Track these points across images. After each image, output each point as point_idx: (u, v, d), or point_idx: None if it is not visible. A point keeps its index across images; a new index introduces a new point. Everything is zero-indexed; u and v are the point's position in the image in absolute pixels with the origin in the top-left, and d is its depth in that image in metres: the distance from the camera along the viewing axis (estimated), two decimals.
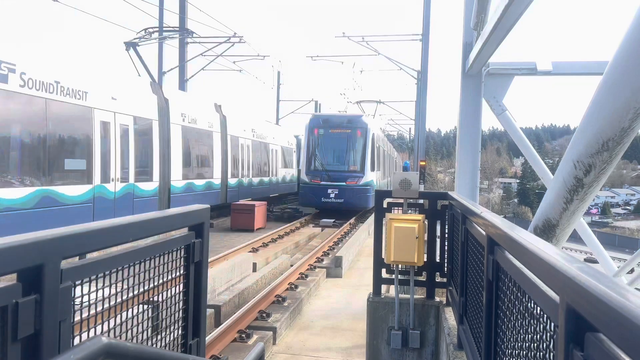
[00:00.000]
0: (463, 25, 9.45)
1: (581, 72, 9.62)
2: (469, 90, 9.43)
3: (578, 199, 5.56)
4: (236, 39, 25.05)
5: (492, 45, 7.61)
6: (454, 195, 5.38)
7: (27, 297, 1.38)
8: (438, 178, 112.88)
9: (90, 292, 1.77)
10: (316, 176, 21.12)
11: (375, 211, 6.28)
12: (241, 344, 6.47)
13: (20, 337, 1.36)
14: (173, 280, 2.41)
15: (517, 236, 2.01)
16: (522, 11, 6.23)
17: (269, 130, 27.45)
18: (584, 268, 1.22)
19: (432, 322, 5.72)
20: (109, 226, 1.82)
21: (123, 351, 1.48)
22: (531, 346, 1.83)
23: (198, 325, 2.59)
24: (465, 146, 9.60)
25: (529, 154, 9.18)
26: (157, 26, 21.21)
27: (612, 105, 4.45)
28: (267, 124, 28.10)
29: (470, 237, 3.87)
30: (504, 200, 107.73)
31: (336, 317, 8.23)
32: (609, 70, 4.48)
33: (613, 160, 4.94)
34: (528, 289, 1.87)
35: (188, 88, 25.96)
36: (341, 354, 6.66)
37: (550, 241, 6.19)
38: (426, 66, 27.88)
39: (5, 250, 1.30)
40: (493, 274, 2.68)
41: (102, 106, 12.35)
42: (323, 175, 20.95)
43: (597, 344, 1.08)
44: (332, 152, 21.39)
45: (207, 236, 2.63)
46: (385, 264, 5.80)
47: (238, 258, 10.68)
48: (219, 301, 7.97)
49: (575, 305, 1.18)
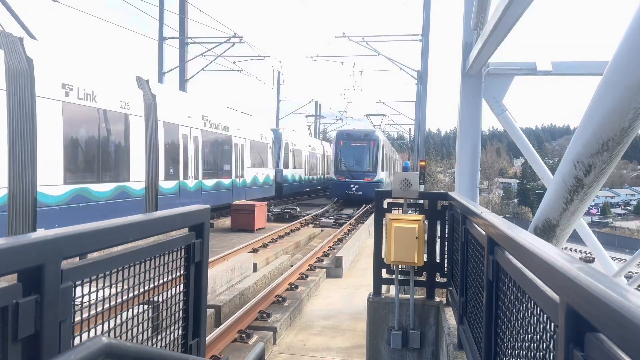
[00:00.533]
0: (463, 25, 9.46)
1: (581, 72, 9.63)
2: (469, 90, 9.43)
3: (578, 199, 5.57)
4: (236, 39, 25.11)
5: (492, 46, 7.62)
6: (454, 195, 5.38)
7: (28, 298, 1.38)
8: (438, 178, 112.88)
9: (91, 293, 1.77)
10: (342, 175, 28.74)
11: (375, 211, 6.28)
12: (241, 344, 6.47)
13: (20, 337, 1.36)
14: (173, 281, 2.41)
15: (517, 236, 2.01)
16: (522, 11, 6.24)
17: (231, 119, 21.11)
18: (584, 268, 1.22)
19: (432, 322, 5.72)
20: (109, 226, 1.82)
21: (123, 351, 1.49)
22: (531, 346, 1.83)
23: (198, 326, 2.59)
24: (465, 146, 9.60)
25: (529, 154, 9.19)
26: None
27: (612, 105, 4.45)
28: (229, 112, 21.49)
29: (470, 238, 3.87)
30: (504, 200, 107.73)
31: (336, 317, 8.23)
32: (609, 70, 4.49)
33: (613, 161, 4.94)
34: (528, 289, 1.87)
35: (188, 89, 25.98)
36: (341, 354, 6.66)
37: (550, 241, 6.19)
38: (426, 66, 27.91)
39: (5, 250, 1.30)
40: (493, 274, 2.68)
41: None
42: (347, 174, 28.65)
43: (597, 344, 1.08)
44: (353, 158, 29.18)
45: (207, 236, 2.63)
46: (386, 264, 5.80)
47: (238, 258, 10.69)
48: (219, 301, 7.97)
49: (576, 305, 1.18)
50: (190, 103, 17.82)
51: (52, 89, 10.63)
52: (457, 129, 9.88)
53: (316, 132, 55.27)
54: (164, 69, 25.51)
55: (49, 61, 10.72)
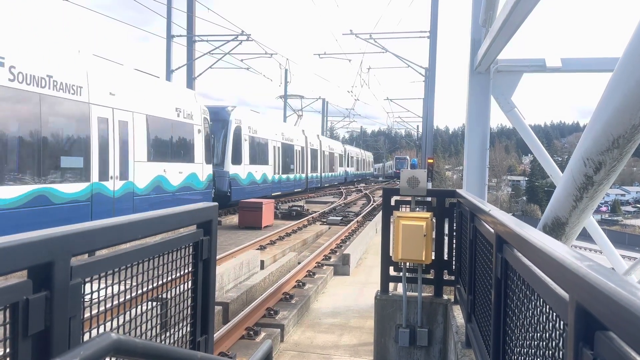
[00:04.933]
0: (471, 22, 9.40)
1: (591, 68, 9.54)
2: (477, 87, 9.38)
3: (588, 197, 5.52)
4: (244, 37, 25.16)
5: (501, 42, 7.56)
6: (462, 193, 5.36)
7: (38, 294, 1.40)
8: (446, 176, 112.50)
9: (100, 289, 1.78)
10: None
11: (383, 209, 6.27)
12: (249, 341, 6.50)
13: (31, 333, 1.37)
14: (181, 278, 2.42)
15: (526, 234, 2.00)
16: (532, 7, 6.18)
17: (93, 73, 11.63)
18: (594, 266, 1.21)
19: (440, 320, 5.70)
20: (118, 224, 1.83)
21: (132, 348, 1.49)
22: (540, 345, 1.82)
23: (206, 322, 2.60)
24: (473, 144, 9.55)
25: (538, 152, 9.12)
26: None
27: (623, 102, 4.40)
28: (87, 60, 11.68)
29: (479, 235, 3.85)
30: (513, 198, 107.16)
31: (344, 315, 8.24)
32: (619, 66, 4.44)
33: (623, 158, 4.89)
34: (537, 287, 1.86)
35: (196, 86, 26.05)
36: (349, 352, 6.66)
37: (559, 239, 6.15)
38: (434, 63, 27.76)
39: (16, 247, 1.31)
40: (502, 272, 2.67)
41: None
42: None
43: (607, 343, 1.07)
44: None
45: (215, 234, 2.63)
46: (393, 261, 5.79)
47: (246, 255, 10.72)
48: (227, 298, 8.00)
49: (585, 303, 1.17)
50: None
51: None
52: (465, 126, 9.83)
53: (323, 130, 55.25)
54: (172, 66, 25.61)
55: None
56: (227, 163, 20.34)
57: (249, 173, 22.31)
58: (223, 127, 20.19)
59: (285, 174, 28.23)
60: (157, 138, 14.46)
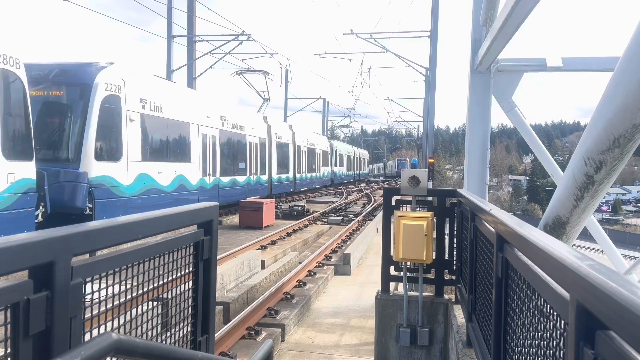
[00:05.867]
0: (472, 21, 9.39)
1: (592, 68, 9.54)
2: (478, 87, 9.37)
3: (588, 196, 5.52)
4: (244, 37, 25.12)
5: (502, 42, 7.56)
6: (462, 192, 5.35)
7: (39, 294, 1.40)
8: (447, 175, 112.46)
9: (101, 289, 1.78)
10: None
11: (384, 209, 6.27)
12: (250, 341, 6.50)
13: (32, 333, 1.37)
14: (182, 277, 2.42)
15: (526, 234, 2.00)
16: (532, 7, 6.18)
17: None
18: (594, 266, 1.21)
19: (440, 320, 5.70)
20: (119, 224, 1.83)
21: (132, 347, 1.50)
22: (541, 344, 1.82)
23: (207, 322, 2.60)
24: (474, 143, 9.55)
25: (539, 151, 9.12)
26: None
27: (624, 102, 4.40)
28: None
29: (480, 235, 3.85)
30: (514, 197, 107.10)
31: (344, 315, 8.24)
32: (620, 66, 4.43)
33: (624, 157, 4.89)
34: (538, 287, 1.86)
35: (197, 86, 26.05)
36: (349, 351, 6.66)
37: (560, 239, 6.14)
38: (435, 63, 27.73)
39: (16, 247, 1.31)
40: (502, 272, 2.66)
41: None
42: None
43: (608, 342, 1.07)
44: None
45: (216, 233, 2.64)
46: (394, 261, 5.79)
47: (247, 255, 10.72)
48: (228, 298, 8.01)
49: (586, 302, 1.17)
50: None
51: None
52: (466, 125, 9.82)
53: (324, 130, 55.22)
54: (173, 66, 25.62)
55: None
56: (84, 158, 11.63)
57: (142, 175, 13.58)
58: (81, 96, 11.91)
59: (227, 176, 19.82)
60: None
